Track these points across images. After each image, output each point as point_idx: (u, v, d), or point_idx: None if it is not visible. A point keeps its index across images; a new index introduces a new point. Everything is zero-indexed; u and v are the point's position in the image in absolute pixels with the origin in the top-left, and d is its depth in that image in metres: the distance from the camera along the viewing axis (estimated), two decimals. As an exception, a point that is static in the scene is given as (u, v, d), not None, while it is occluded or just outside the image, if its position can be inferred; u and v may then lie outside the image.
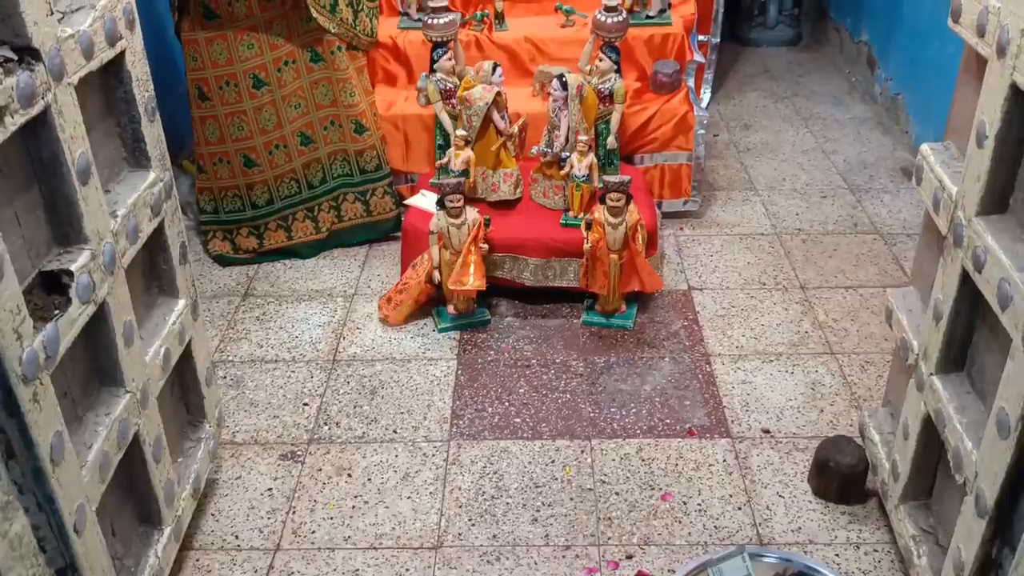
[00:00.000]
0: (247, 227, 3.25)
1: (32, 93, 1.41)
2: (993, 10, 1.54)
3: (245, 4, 2.93)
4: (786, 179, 3.88)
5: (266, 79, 3.04)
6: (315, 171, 3.23)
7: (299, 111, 3.12)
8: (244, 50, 2.99)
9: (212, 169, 3.17)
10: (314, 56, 3.08)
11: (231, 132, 3.10)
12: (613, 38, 3.04)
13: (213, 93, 3.04)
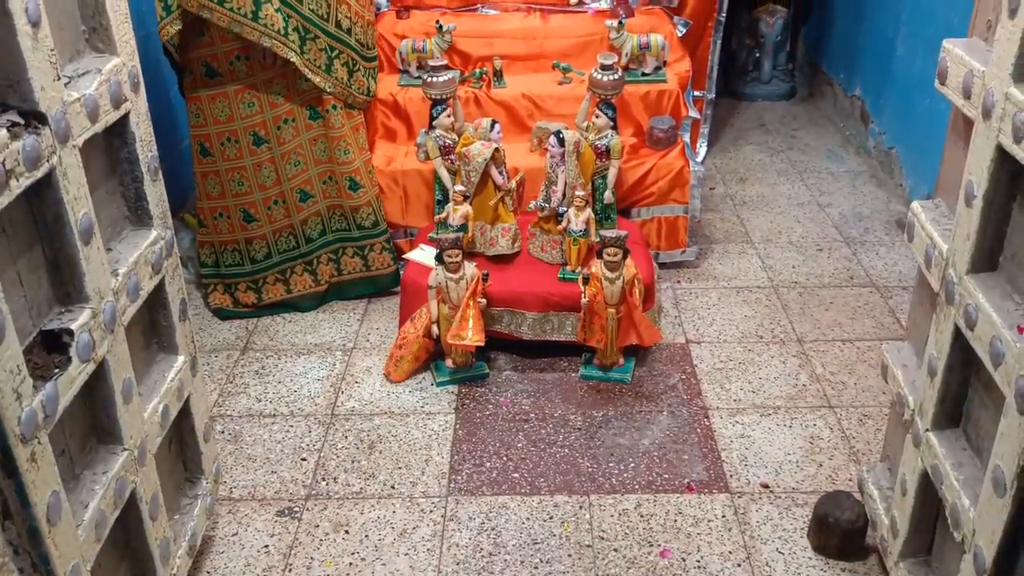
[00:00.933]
0: (245, 282, 3.27)
1: (38, 156, 1.44)
2: (978, 73, 1.58)
3: (245, 63, 2.98)
4: (782, 232, 3.91)
5: (266, 136, 3.09)
6: (314, 225, 3.26)
7: (298, 168, 3.16)
8: (245, 108, 3.04)
9: (213, 223, 3.20)
10: (313, 114, 3.13)
11: (231, 187, 3.14)
12: (609, 95, 3.10)
13: (215, 149, 3.09)
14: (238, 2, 2.77)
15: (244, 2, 2.77)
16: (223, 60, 2.97)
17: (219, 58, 2.96)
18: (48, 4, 1.56)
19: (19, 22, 1.40)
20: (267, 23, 2.82)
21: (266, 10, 2.80)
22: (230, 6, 2.76)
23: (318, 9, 3.02)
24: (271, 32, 2.83)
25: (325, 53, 3.06)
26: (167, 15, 2.81)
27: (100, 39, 1.77)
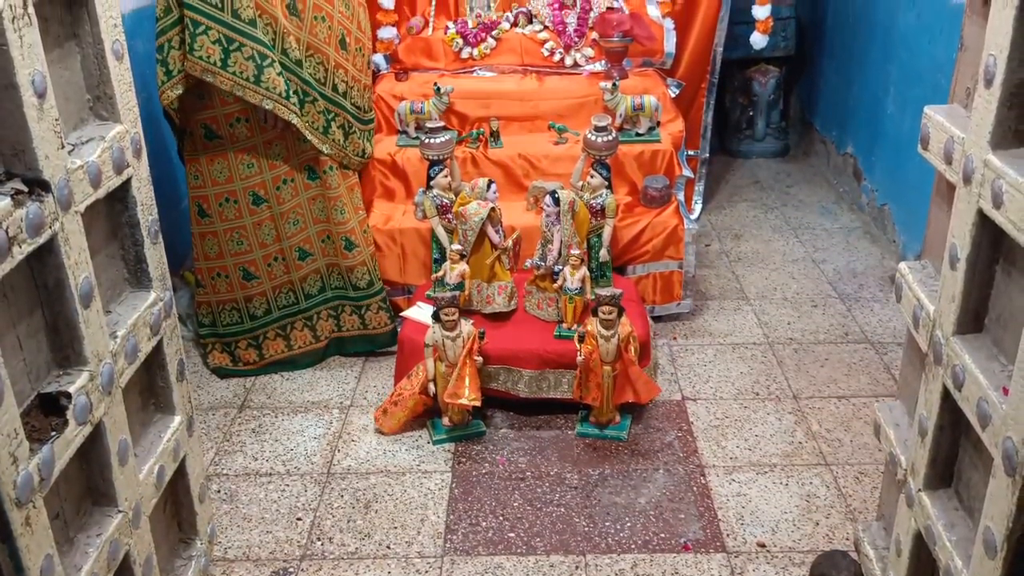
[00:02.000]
0: (246, 339, 3.29)
1: (40, 223, 1.47)
2: (958, 140, 1.62)
3: (246, 126, 3.03)
4: (777, 288, 3.95)
5: (265, 196, 3.13)
6: (313, 282, 3.29)
7: (297, 227, 3.20)
8: (244, 169, 3.08)
9: (211, 283, 3.23)
10: (311, 174, 3.18)
11: (230, 247, 3.17)
12: (604, 156, 3.15)
13: (213, 210, 3.12)
14: (241, 66, 2.82)
15: (247, 67, 2.82)
16: (223, 123, 3.01)
17: (219, 121, 3.01)
18: (54, 75, 1.62)
19: (26, 94, 1.45)
20: (269, 86, 2.87)
21: (268, 74, 2.85)
22: (233, 70, 2.81)
23: (316, 73, 3.08)
24: (273, 95, 2.89)
25: (323, 115, 3.12)
26: (168, 79, 2.86)
27: (104, 107, 1.82)
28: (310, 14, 3.01)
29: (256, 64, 2.83)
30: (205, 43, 2.77)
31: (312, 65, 3.06)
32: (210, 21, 2.75)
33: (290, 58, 2.97)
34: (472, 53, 3.89)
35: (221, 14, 2.76)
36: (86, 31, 1.76)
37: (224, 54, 2.79)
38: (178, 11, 2.79)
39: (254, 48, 2.82)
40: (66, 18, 1.73)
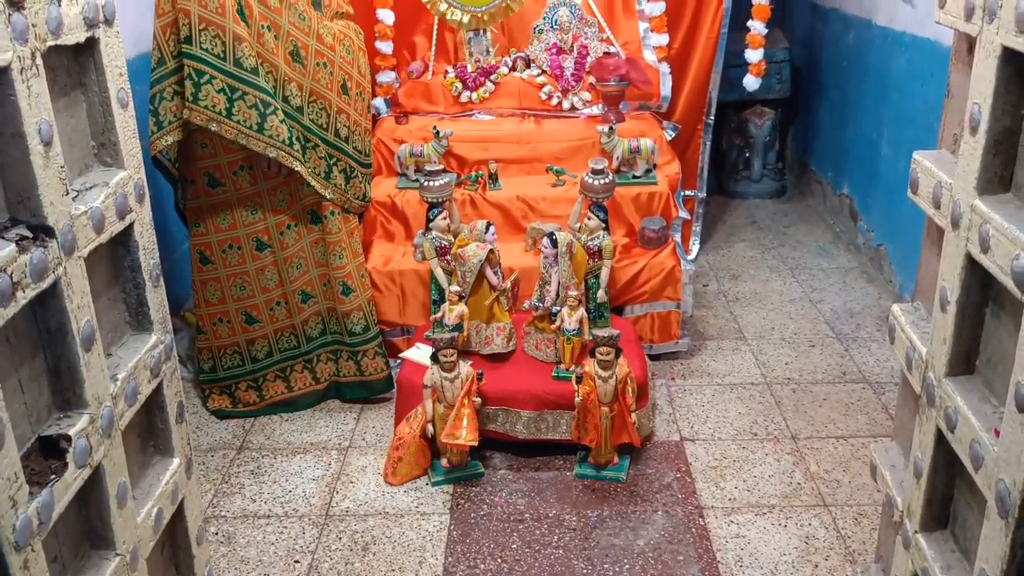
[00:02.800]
0: (246, 381, 3.30)
1: (44, 268, 1.49)
2: (946, 185, 1.65)
3: (248, 173, 3.06)
4: (775, 328, 3.96)
5: (268, 242, 3.15)
6: (314, 324, 3.30)
7: (300, 270, 3.22)
8: (247, 215, 3.11)
9: (212, 329, 3.24)
10: (313, 218, 3.20)
11: (232, 292, 3.19)
12: (601, 198, 3.19)
13: (216, 256, 3.14)
14: (244, 115, 2.85)
15: (250, 115, 2.86)
16: (226, 170, 3.04)
17: (222, 168, 3.04)
18: (60, 123, 1.65)
19: (32, 142, 1.48)
20: (272, 134, 2.90)
21: (271, 122, 2.89)
22: (237, 119, 2.85)
23: (318, 119, 3.12)
24: (276, 143, 2.92)
25: (324, 161, 3.16)
26: (159, 130, 2.89)
27: (108, 153, 1.85)
28: (312, 60, 3.05)
29: (259, 112, 2.87)
30: (210, 92, 2.80)
31: (315, 111, 3.09)
32: (213, 71, 2.79)
33: (291, 105, 3.01)
34: (471, 97, 3.95)
35: (224, 64, 2.79)
36: (92, 80, 1.79)
37: (228, 103, 2.82)
38: (173, 62, 2.82)
39: (257, 96, 2.86)
40: (73, 67, 1.77)
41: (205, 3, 2.73)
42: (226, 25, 2.76)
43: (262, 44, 2.88)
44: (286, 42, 2.96)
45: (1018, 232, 1.36)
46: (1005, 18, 1.41)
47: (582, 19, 4.02)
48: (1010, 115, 1.47)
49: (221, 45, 2.77)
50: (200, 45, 2.75)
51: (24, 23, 1.47)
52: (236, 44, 2.80)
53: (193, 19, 2.74)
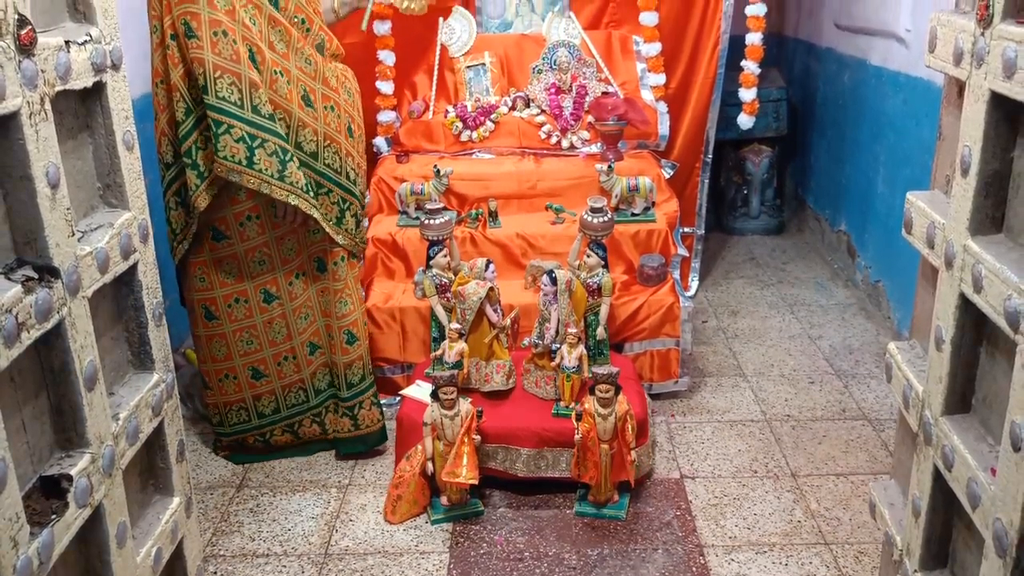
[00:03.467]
0: (253, 435, 3.26)
1: (49, 309, 1.51)
2: (939, 225, 1.68)
3: (256, 223, 2.96)
4: (774, 364, 3.97)
5: (277, 293, 3.07)
6: (322, 376, 3.23)
7: (307, 321, 3.14)
8: (255, 267, 3.02)
9: (218, 384, 3.18)
10: (320, 266, 3.12)
11: (239, 348, 3.10)
12: (600, 236, 3.22)
13: (221, 312, 3.05)
14: (265, 163, 2.76)
15: (271, 163, 2.77)
16: (233, 222, 2.95)
17: (228, 221, 2.95)
18: (67, 165, 1.68)
19: (39, 185, 1.51)
20: (292, 181, 2.82)
21: (290, 168, 2.81)
22: (259, 168, 2.76)
23: (332, 163, 3.04)
24: (296, 190, 2.84)
25: (337, 206, 3.09)
26: (201, 182, 2.80)
27: (114, 195, 1.88)
28: (321, 104, 3.00)
29: (279, 159, 2.78)
30: (229, 143, 2.71)
31: (328, 155, 3.01)
32: (232, 119, 2.70)
33: (305, 151, 2.93)
34: (471, 136, 3.99)
35: (242, 111, 2.71)
36: (99, 123, 1.83)
37: (249, 152, 2.73)
38: (198, 110, 2.75)
39: (276, 143, 2.77)
40: (80, 111, 1.80)
41: (219, 51, 2.67)
42: (241, 72, 2.70)
43: (275, 90, 2.82)
44: (297, 87, 2.91)
45: (1010, 273, 1.38)
46: (993, 64, 1.44)
47: (580, 60, 4.08)
48: (1000, 158, 1.49)
49: (238, 92, 2.70)
50: (217, 94, 2.68)
51: (34, 69, 1.50)
52: (252, 91, 2.72)
53: (208, 67, 2.67)
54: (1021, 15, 1.42)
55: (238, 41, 2.70)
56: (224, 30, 2.68)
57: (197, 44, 2.66)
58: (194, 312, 3.11)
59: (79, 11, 1.77)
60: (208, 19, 2.66)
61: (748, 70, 4.28)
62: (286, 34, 2.90)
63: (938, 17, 1.69)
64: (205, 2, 2.65)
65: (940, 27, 1.68)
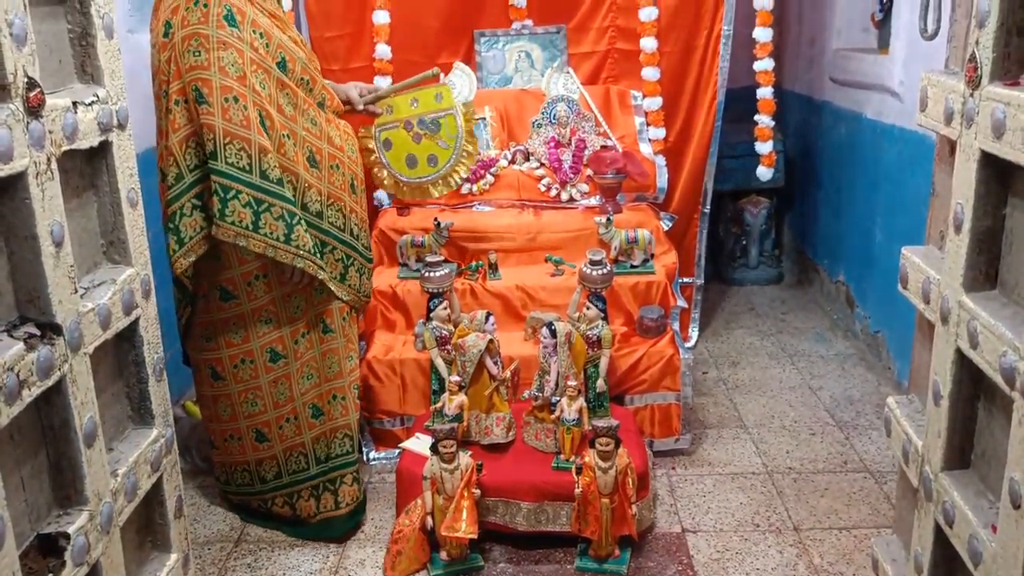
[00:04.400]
0: (256, 499, 3.23)
1: (50, 366, 1.52)
2: (934, 281, 1.69)
3: (263, 282, 2.94)
4: (775, 416, 3.96)
5: (283, 352, 3.04)
6: (322, 445, 3.18)
7: (311, 382, 3.11)
8: (262, 326, 2.99)
9: (223, 444, 3.16)
10: (325, 327, 3.11)
11: (244, 409, 3.07)
12: (599, 289, 3.24)
13: (227, 372, 3.03)
14: (271, 227, 2.74)
15: (277, 226, 2.75)
16: (240, 282, 2.93)
17: (236, 281, 2.92)
18: (71, 223, 1.70)
19: (44, 244, 1.53)
20: (299, 244, 2.80)
21: (297, 231, 2.79)
22: (264, 232, 2.73)
23: (336, 221, 3.05)
24: (303, 252, 2.82)
25: (340, 263, 3.09)
26: (180, 248, 2.77)
27: (117, 251, 1.91)
28: (327, 163, 3.01)
29: (286, 223, 2.76)
30: (236, 208, 2.69)
31: (332, 213, 3.02)
32: (240, 185, 2.68)
33: (310, 211, 2.93)
34: (472, 188, 4.03)
35: (251, 176, 2.69)
36: (104, 181, 1.86)
37: (255, 216, 2.71)
38: (191, 176, 2.74)
39: (283, 207, 2.75)
40: (86, 169, 1.83)
41: (230, 116, 2.65)
42: (251, 138, 2.68)
43: (283, 153, 2.81)
44: (303, 148, 2.91)
45: (1004, 330, 1.39)
46: (982, 124, 1.47)
47: (579, 114, 4.14)
48: (992, 215, 1.52)
49: (247, 158, 2.68)
50: (226, 160, 2.66)
51: (41, 130, 1.53)
52: (261, 156, 2.70)
53: (218, 133, 2.64)
54: (1008, 77, 1.45)
55: (249, 107, 2.68)
56: (235, 96, 2.66)
57: (208, 110, 2.64)
58: (200, 372, 3.08)
59: (87, 72, 1.81)
60: (219, 85, 2.64)
61: (763, 124, 4.37)
62: (293, 96, 2.90)
63: (928, 77, 1.73)
64: (217, 68, 2.64)
65: (930, 87, 1.72)
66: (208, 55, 2.64)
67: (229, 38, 2.67)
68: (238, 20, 2.70)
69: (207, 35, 2.64)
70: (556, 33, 4.41)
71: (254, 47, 2.74)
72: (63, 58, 1.77)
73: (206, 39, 2.64)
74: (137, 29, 3.64)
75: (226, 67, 2.66)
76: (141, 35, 3.66)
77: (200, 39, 2.64)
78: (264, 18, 2.84)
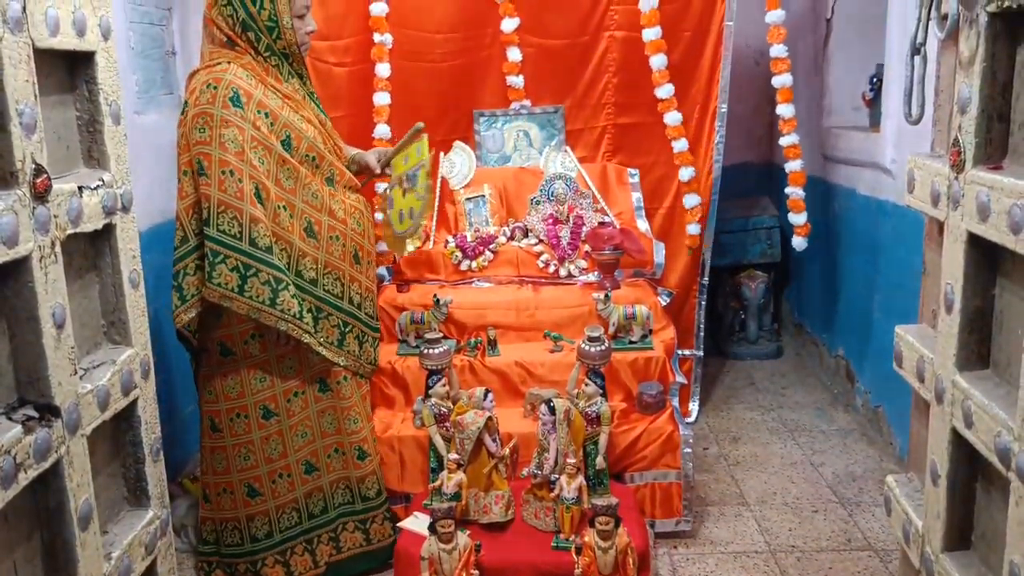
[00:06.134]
0: (245, 563, 3.20)
1: (47, 448, 1.53)
2: (928, 360, 1.71)
3: (259, 342, 3.09)
4: (777, 493, 3.92)
5: (275, 410, 3.14)
6: (316, 500, 3.23)
7: (305, 439, 3.18)
8: (256, 383, 3.11)
9: (216, 499, 3.17)
10: (322, 386, 3.19)
11: (237, 462, 3.14)
12: (597, 365, 3.24)
13: (224, 425, 3.12)
14: (257, 291, 2.90)
15: (263, 291, 2.90)
16: (238, 340, 3.07)
17: (234, 338, 3.06)
18: (73, 305, 1.72)
19: (46, 326, 1.55)
20: (284, 308, 2.94)
21: (283, 296, 2.93)
22: (249, 295, 2.89)
23: (333, 289, 3.18)
24: (287, 316, 2.95)
25: (338, 329, 3.20)
26: (182, 304, 2.94)
27: (118, 332, 1.92)
28: (326, 234, 3.15)
29: (272, 288, 2.91)
30: (223, 271, 2.86)
31: (329, 281, 3.16)
32: (229, 250, 2.86)
33: (305, 278, 3.08)
34: (471, 265, 4.07)
35: (240, 243, 2.87)
36: (107, 263, 1.89)
37: (241, 280, 2.87)
38: (194, 240, 2.92)
39: (270, 274, 2.91)
40: (89, 251, 1.87)
41: (225, 188, 2.85)
42: (243, 208, 2.87)
43: (277, 223, 2.99)
44: (300, 219, 3.07)
45: (998, 410, 1.40)
46: (968, 206, 1.50)
47: (577, 191, 4.20)
48: (981, 296, 1.54)
49: (238, 226, 2.87)
50: (218, 227, 2.85)
51: (47, 215, 1.57)
52: (252, 225, 2.88)
53: (213, 203, 2.85)
54: (991, 161, 1.49)
55: (244, 180, 2.87)
56: (231, 170, 2.85)
57: (206, 182, 2.84)
58: (202, 423, 3.18)
59: (93, 157, 1.86)
60: (218, 159, 2.84)
61: (795, 196, 4.43)
62: (294, 171, 3.07)
63: (915, 160, 1.77)
64: (217, 144, 2.84)
65: (917, 169, 1.76)
66: (211, 132, 2.86)
67: (232, 117, 2.88)
68: (243, 101, 2.91)
69: (212, 114, 2.86)
70: (554, 113, 4.50)
71: (256, 126, 2.93)
72: (70, 144, 1.82)
73: (211, 118, 2.86)
74: (145, 111, 3.74)
75: (226, 143, 2.86)
76: (148, 116, 3.76)
77: (206, 117, 2.86)
78: (275, 99, 3.03)
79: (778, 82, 4.37)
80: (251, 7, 2.95)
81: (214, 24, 3.00)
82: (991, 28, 1.48)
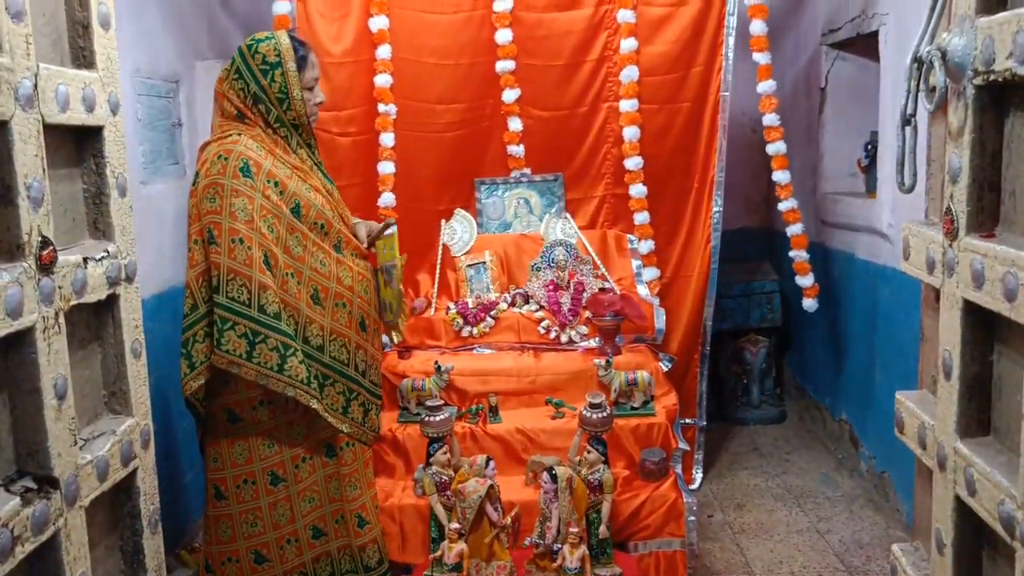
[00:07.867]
0: None
1: (45, 521, 1.52)
2: (929, 426, 1.70)
3: (268, 408, 3.06)
4: (783, 561, 3.86)
5: (283, 475, 3.10)
6: (324, 565, 3.19)
7: (312, 504, 3.15)
8: (264, 449, 3.08)
9: (220, 568, 3.11)
10: (329, 452, 3.17)
11: (244, 530, 3.09)
12: (599, 432, 3.23)
13: (230, 492, 3.08)
14: (265, 357, 2.88)
15: (271, 357, 2.89)
16: (246, 406, 3.05)
17: (242, 404, 3.05)
18: (75, 375, 1.73)
19: (47, 397, 1.55)
20: (291, 374, 2.92)
21: (291, 362, 2.91)
22: (258, 361, 2.87)
23: (339, 355, 3.17)
24: (295, 382, 2.93)
25: (343, 396, 3.18)
26: (191, 371, 2.93)
27: (119, 402, 1.93)
28: (332, 302, 3.14)
29: (280, 354, 2.89)
30: (232, 338, 2.85)
31: (335, 348, 3.15)
32: (238, 317, 2.86)
33: (312, 345, 3.07)
34: (472, 331, 4.08)
35: (248, 310, 2.87)
36: (109, 333, 1.90)
37: (249, 347, 2.87)
38: (204, 307, 2.92)
39: (279, 340, 2.90)
40: (92, 322, 1.88)
41: (235, 256, 2.86)
42: (252, 275, 2.88)
43: (286, 290, 2.99)
44: (307, 287, 3.08)
45: (1000, 478, 1.39)
46: (963, 274, 1.52)
47: (577, 258, 4.23)
48: (979, 362, 1.54)
49: (247, 293, 2.88)
50: (227, 294, 2.86)
51: (51, 286, 1.58)
52: (261, 292, 2.89)
53: (222, 270, 2.86)
54: (983, 229, 1.51)
55: (253, 248, 2.89)
56: (241, 238, 2.88)
57: (216, 250, 2.87)
58: (207, 491, 3.14)
59: (99, 229, 1.89)
60: (228, 228, 2.87)
61: (799, 258, 4.50)
62: (303, 239, 3.09)
63: (909, 228, 1.79)
64: (227, 213, 2.88)
65: (912, 237, 1.78)
66: (222, 201, 2.89)
67: (242, 187, 2.92)
68: (253, 172, 2.95)
69: (223, 184, 2.90)
70: (554, 181, 4.56)
71: (266, 195, 2.97)
72: (76, 215, 1.85)
73: (221, 188, 2.90)
74: (150, 181, 3.79)
75: (236, 212, 2.89)
76: (154, 186, 3.82)
77: (217, 188, 2.90)
78: (284, 169, 3.08)
79: (772, 150, 4.44)
80: (262, 80, 3.02)
81: (225, 98, 3.07)
82: (978, 100, 1.52)
